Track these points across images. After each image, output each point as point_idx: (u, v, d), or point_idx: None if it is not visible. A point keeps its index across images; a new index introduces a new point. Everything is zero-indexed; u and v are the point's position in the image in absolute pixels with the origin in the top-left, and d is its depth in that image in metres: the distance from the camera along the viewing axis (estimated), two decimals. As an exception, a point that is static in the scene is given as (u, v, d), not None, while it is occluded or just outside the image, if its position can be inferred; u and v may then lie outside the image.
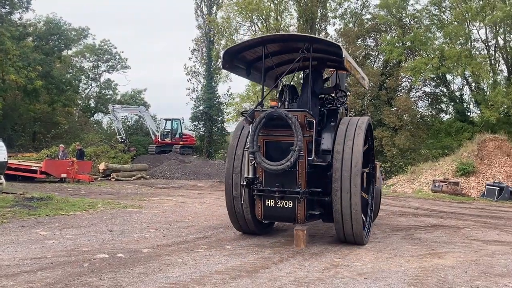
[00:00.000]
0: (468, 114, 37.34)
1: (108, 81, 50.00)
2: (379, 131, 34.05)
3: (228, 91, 47.02)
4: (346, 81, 13.41)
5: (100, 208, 12.40)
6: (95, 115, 50.13)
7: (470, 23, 35.00)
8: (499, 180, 22.96)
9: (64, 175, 20.56)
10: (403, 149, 34.25)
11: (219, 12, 44.12)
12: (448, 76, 37.87)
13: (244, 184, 8.49)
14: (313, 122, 8.17)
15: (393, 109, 36.51)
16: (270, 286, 5.81)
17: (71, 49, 44.32)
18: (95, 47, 47.56)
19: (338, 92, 10.02)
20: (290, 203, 8.09)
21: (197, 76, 45.89)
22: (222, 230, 9.95)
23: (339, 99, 9.94)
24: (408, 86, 40.59)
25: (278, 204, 8.14)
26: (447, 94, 39.37)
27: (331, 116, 9.40)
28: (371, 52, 41.49)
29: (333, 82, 10.46)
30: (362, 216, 8.48)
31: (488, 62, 34.62)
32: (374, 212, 10.53)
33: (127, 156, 30.36)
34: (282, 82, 10.19)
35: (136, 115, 40.56)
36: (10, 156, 18.21)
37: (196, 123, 45.04)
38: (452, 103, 38.88)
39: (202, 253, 7.53)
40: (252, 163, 8.23)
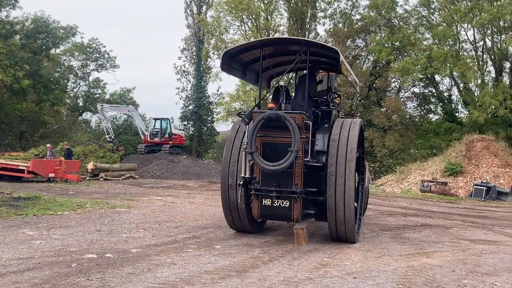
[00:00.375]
0: (457, 114, 37.68)
1: (96, 80, 49.75)
2: (370, 132, 34.22)
3: (218, 91, 46.99)
4: (336, 81, 13.63)
5: (89, 208, 12.30)
6: (84, 115, 49.83)
7: (459, 24, 35.34)
8: (487, 180, 23.18)
9: (52, 175, 20.35)
10: (392, 149, 34.46)
11: (209, 12, 44.08)
12: (437, 77, 38.20)
13: (240, 183, 8.63)
14: (309, 124, 8.42)
15: (382, 109, 36.72)
16: (260, 286, 5.81)
17: (59, 47, 43.92)
18: (84, 46, 47.20)
19: (332, 94, 10.31)
20: (287, 202, 8.31)
21: (186, 75, 45.74)
22: (212, 229, 9.92)
23: (333, 101, 10.28)
24: (397, 86, 40.90)
25: (275, 204, 8.36)
26: (435, 94, 39.67)
27: (325, 118, 9.62)
28: (360, 52, 41.72)
29: (325, 85, 10.67)
30: (355, 203, 8.64)
31: (476, 63, 34.97)
32: (362, 210, 10.76)
33: (116, 155, 30.13)
34: (278, 83, 10.37)
35: (125, 114, 40.34)
36: (-3, 156, 18.00)
37: (185, 122, 44.86)
38: (440, 103, 39.19)
39: (192, 253, 7.51)
40: (250, 163, 8.40)
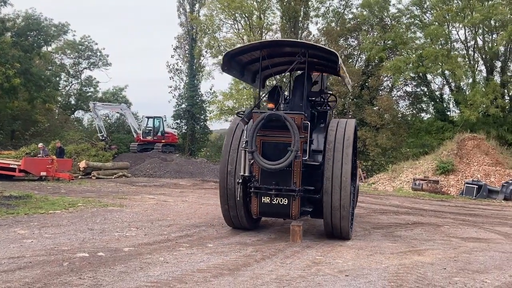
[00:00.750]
0: (448, 113, 37.91)
1: (89, 78, 49.36)
2: (362, 132, 34.33)
3: (210, 89, 46.94)
4: (328, 80, 13.89)
5: (81, 207, 12.24)
6: (76, 113, 49.46)
7: (450, 24, 35.56)
8: (478, 178, 23.36)
9: (43, 173, 20.22)
10: (385, 148, 34.61)
11: (202, 10, 44.03)
12: (429, 76, 38.43)
13: (240, 182, 8.83)
14: (308, 124, 8.70)
15: (375, 108, 36.85)
16: (252, 284, 5.82)
17: (51, 45, 43.58)
18: (76, 44, 46.89)
19: (328, 95, 10.77)
20: (285, 200, 8.57)
21: (179, 73, 45.65)
22: (204, 228, 9.93)
23: (329, 102, 10.70)
24: (389, 85, 41.04)
25: (274, 201, 8.61)
26: (427, 93, 39.89)
27: (321, 118, 9.98)
28: (353, 51, 41.79)
29: (320, 85, 11.03)
30: (351, 187, 8.92)
31: (468, 62, 35.21)
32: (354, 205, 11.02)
33: (108, 154, 30.00)
34: (277, 83, 10.69)
35: (117, 112, 40.13)
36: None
37: (178, 121, 44.79)
38: (432, 102, 39.41)
39: (184, 251, 7.51)
40: (251, 162, 8.64)
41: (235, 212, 9.34)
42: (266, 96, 10.15)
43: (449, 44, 35.69)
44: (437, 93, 39.51)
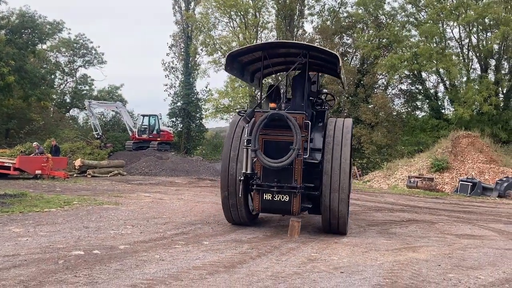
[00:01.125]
0: (443, 111, 38.06)
1: (84, 76, 49.16)
2: (357, 129, 34.41)
3: (206, 87, 46.90)
4: (322, 79, 14.22)
5: (76, 205, 12.21)
6: (71, 111, 49.24)
7: (445, 22, 35.67)
8: (472, 176, 23.49)
9: (38, 172, 20.14)
10: (380, 145, 34.72)
11: (197, 8, 43.95)
12: (423, 74, 38.57)
13: (241, 179, 9.06)
14: (309, 123, 8.97)
15: (370, 106, 36.93)
16: (248, 281, 5.84)
17: (46, 43, 43.38)
18: (71, 41, 46.67)
19: (326, 94, 11.17)
20: (287, 197, 8.79)
21: (175, 71, 45.61)
22: (200, 226, 9.94)
23: (328, 102, 11.07)
24: (384, 83, 41.15)
25: (275, 198, 8.84)
26: (422, 91, 40.03)
27: (319, 117, 10.20)
28: (348, 49, 41.85)
29: (317, 85, 11.32)
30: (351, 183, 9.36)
31: (462, 60, 35.35)
32: None
33: (104, 152, 29.90)
34: (278, 83, 10.94)
35: (112, 111, 40.03)
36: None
37: (174, 119, 44.72)
38: (427, 100, 39.55)
39: (180, 249, 7.51)
40: (254, 160, 8.88)
41: (235, 208, 9.57)
42: (266, 96, 10.35)
43: (443, 42, 35.82)
44: (431, 91, 39.69)
